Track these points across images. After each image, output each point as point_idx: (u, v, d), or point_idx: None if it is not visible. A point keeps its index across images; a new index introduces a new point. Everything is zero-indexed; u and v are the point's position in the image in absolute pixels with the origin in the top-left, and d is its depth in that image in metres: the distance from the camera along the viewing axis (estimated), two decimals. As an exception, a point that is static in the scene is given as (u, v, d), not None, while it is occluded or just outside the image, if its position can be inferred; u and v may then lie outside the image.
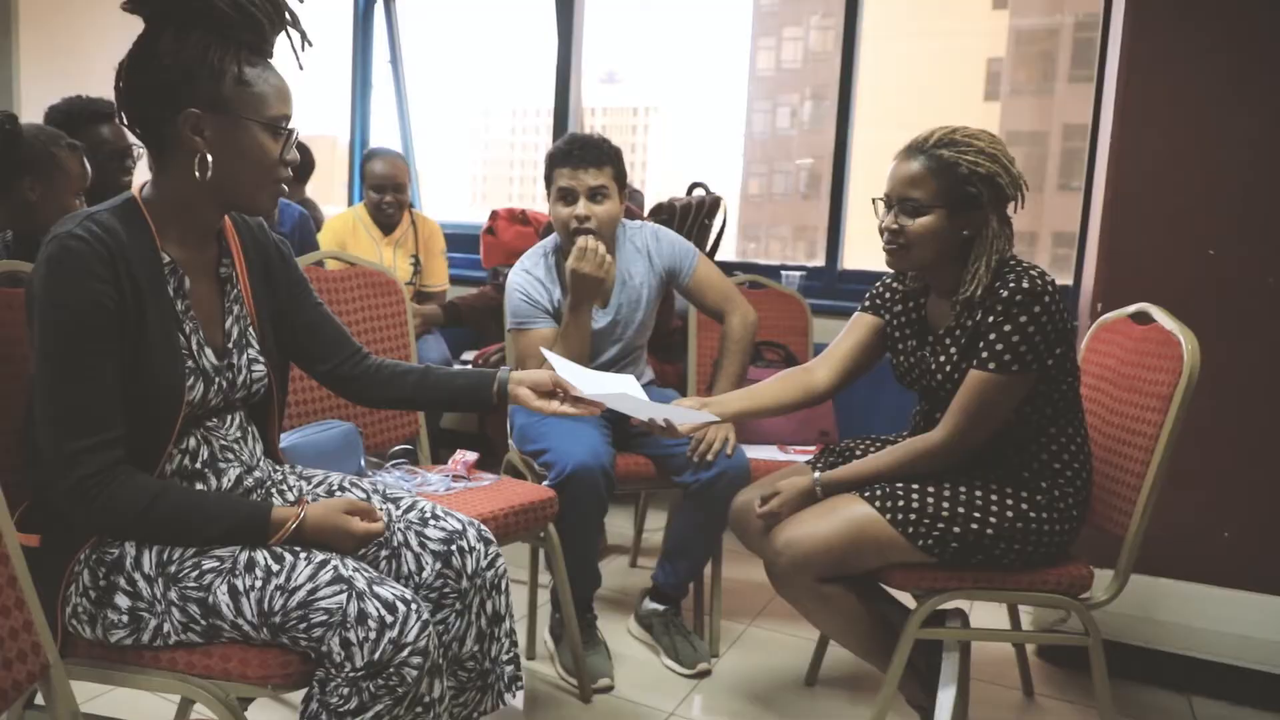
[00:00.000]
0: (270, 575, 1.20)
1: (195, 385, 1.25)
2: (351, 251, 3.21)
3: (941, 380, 1.61)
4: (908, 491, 1.58)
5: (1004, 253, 1.57)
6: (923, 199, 1.54)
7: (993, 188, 1.53)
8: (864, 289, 3.17)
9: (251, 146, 1.22)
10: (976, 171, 1.51)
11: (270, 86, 1.23)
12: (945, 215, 1.53)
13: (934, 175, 1.53)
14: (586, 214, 2.04)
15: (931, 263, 1.59)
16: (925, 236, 1.55)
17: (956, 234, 1.55)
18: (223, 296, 1.34)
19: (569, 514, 1.90)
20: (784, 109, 12.71)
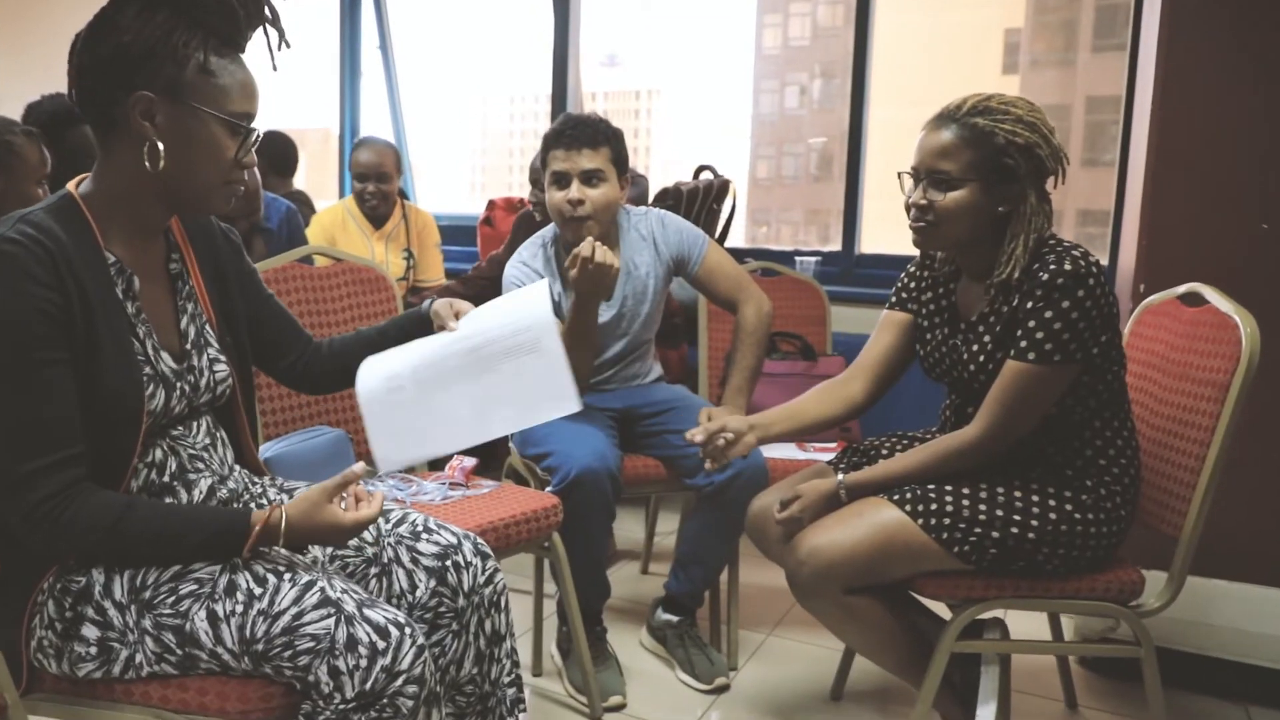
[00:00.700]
0: (252, 599, 1.15)
1: (156, 393, 1.20)
2: (342, 246, 3.18)
3: (974, 371, 1.55)
4: (940, 494, 1.52)
5: (1043, 231, 1.50)
6: (954, 171, 1.48)
7: (1031, 160, 1.47)
8: (883, 274, 3.18)
9: (206, 141, 1.17)
10: (1014, 141, 1.45)
11: (235, 81, 1.19)
12: (979, 189, 1.48)
13: (967, 145, 1.47)
14: (579, 197, 1.99)
15: (963, 242, 1.53)
16: (957, 213, 1.49)
17: (991, 210, 1.49)
18: (175, 295, 1.29)
19: (574, 522, 1.85)
20: (792, 88, 12.64)
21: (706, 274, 2.16)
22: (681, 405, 2.11)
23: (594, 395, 2.11)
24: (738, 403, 2.06)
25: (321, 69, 4.46)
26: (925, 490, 1.53)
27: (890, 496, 1.55)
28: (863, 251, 3.33)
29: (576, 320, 1.93)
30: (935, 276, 1.68)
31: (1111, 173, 3.03)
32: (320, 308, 2.01)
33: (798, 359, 2.50)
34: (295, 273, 1.97)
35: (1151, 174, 2.00)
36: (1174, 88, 1.97)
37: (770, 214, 11.56)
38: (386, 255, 3.23)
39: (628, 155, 2.09)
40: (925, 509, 1.51)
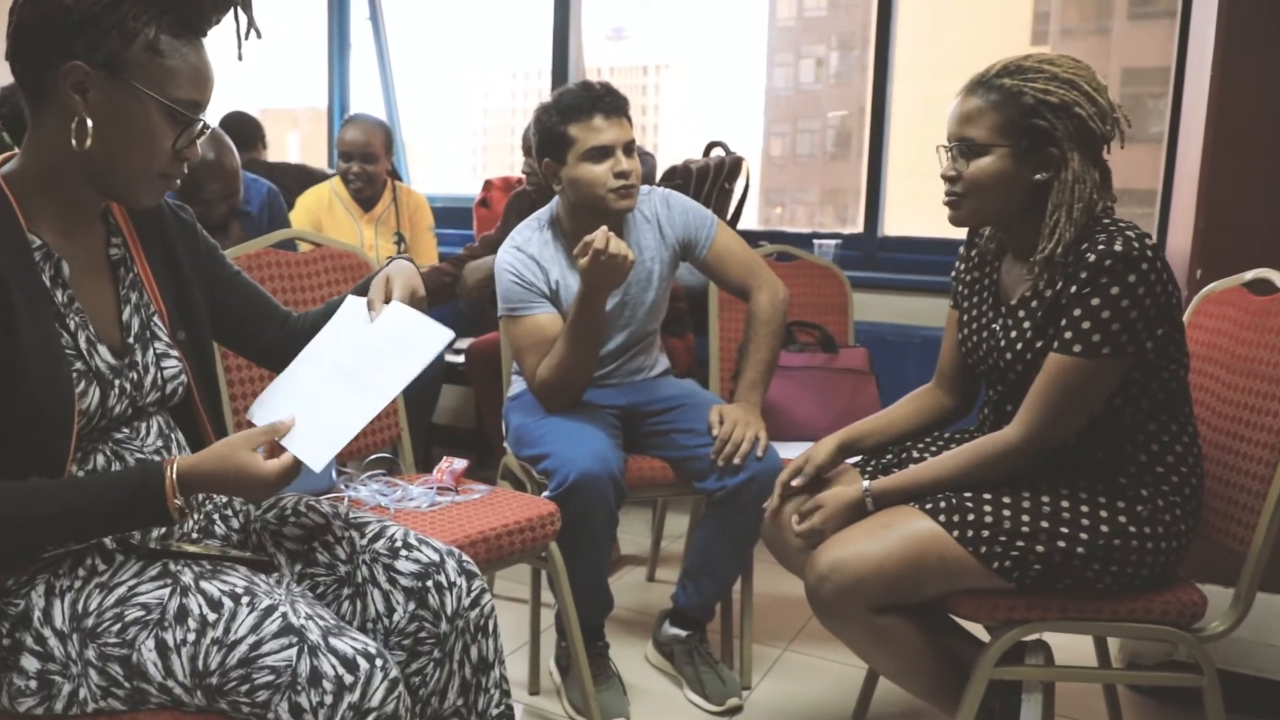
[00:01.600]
0: (205, 627, 1.08)
1: (89, 391, 1.14)
2: (328, 230, 3.13)
3: (1011, 360, 1.48)
4: (978, 502, 1.44)
5: (1091, 202, 1.42)
6: (980, 137, 1.43)
7: (1070, 120, 1.40)
8: (909, 259, 3.14)
9: (141, 125, 1.11)
10: (1046, 100, 1.39)
11: (187, 65, 1.12)
12: (1008, 155, 1.42)
13: (994, 108, 1.42)
14: (631, 167, 1.93)
15: (996, 215, 1.48)
16: (985, 182, 1.44)
17: (1025, 179, 1.43)
18: (116, 283, 1.23)
19: (573, 530, 1.79)
20: (808, 61, 12.50)
21: (716, 258, 2.08)
22: (690, 402, 2.05)
23: (595, 391, 2.05)
24: (751, 399, 2.00)
25: (312, 44, 4.41)
26: (961, 498, 1.45)
27: (922, 505, 1.47)
28: (887, 234, 3.26)
29: (581, 315, 1.86)
30: (982, 254, 1.63)
31: (1152, 150, 2.93)
32: (299, 296, 1.94)
33: (817, 351, 2.42)
34: (271, 259, 1.91)
35: (1210, 151, 1.91)
36: (1235, 58, 1.89)
37: (785, 194, 11.45)
38: (376, 239, 3.18)
39: None
40: (961, 519, 1.43)
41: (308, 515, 1.34)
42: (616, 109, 1.93)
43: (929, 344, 2.85)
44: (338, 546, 1.29)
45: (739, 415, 1.93)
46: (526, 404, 2.03)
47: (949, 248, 3.11)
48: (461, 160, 13.97)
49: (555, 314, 1.99)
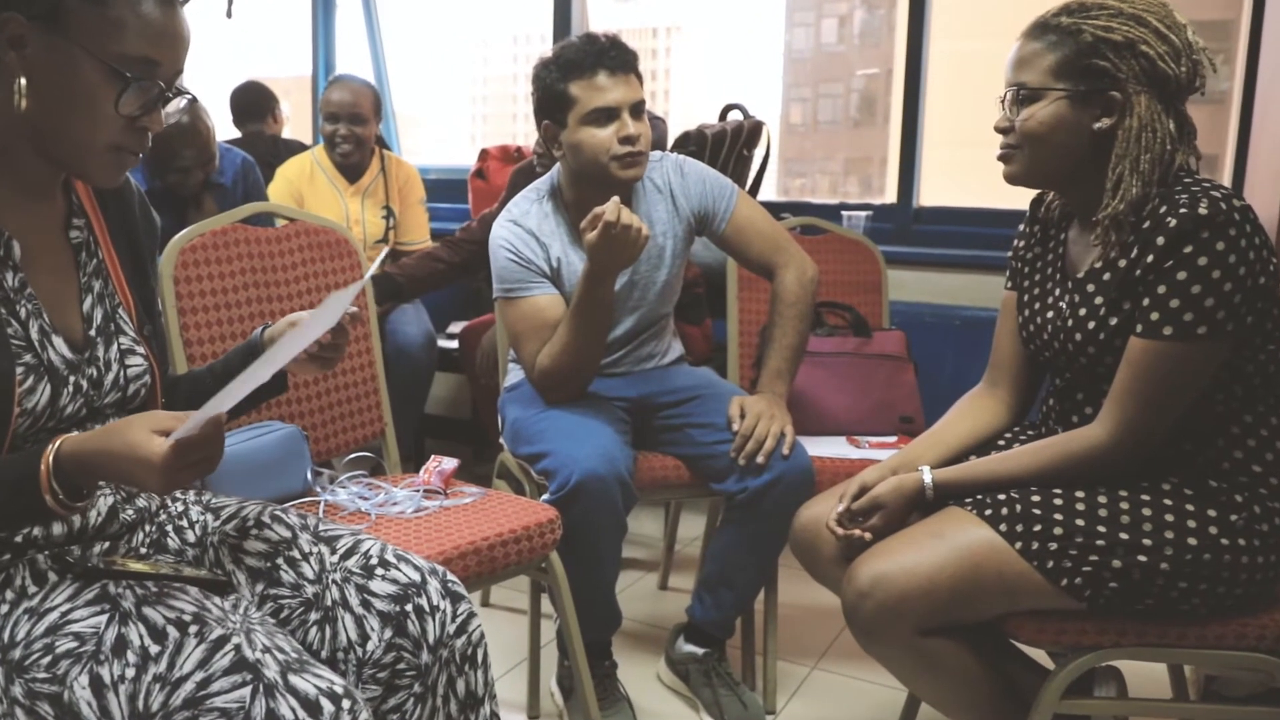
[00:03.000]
0: (147, 661, 1.02)
1: (38, 387, 1.09)
2: (309, 204, 3.06)
3: (1082, 341, 1.40)
4: (1046, 509, 1.35)
5: (1163, 155, 1.34)
6: (1033, 81, 1.38)
7: (1136, 59, 1.33)
8: (948, 231, 3.06)
9: (79, 88, 1.05)
10: (1107, 38, 1.33)
11: (136, 17, 1.05)
12: (1064, 100, 1.36)
13: (1050, 49, 1.36)
14: (638, 131, 1.84)
15: (1054, 170, 1.41)
16: (1039, 131, 1.38)
17: (1084, 127, 1.37)
18: (77, 269, 1.19)
19: (576, 538, 1.73)
20: (830, 20, 12.38)
21: (736, 232, 2.00)
22: (707, 392, 1.99)
23: (601, 381, 1.98)
24: (776, 389, 1.94)
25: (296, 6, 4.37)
26: (1026, 504, 1.37)
27: (981, 511, 1.39)
28: (922, 204, 3.17)
29: (586, 296, 1.78)
30: (1045, 227, 1.56)
31: (1216, 109, 2.79)
32: (274, 277, 1.87)
33: (848, 334, 2.34)
34: (239, 236, 1.83)
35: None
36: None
37: (805, 163, 11.30)
38: (363, 213, 3.11)
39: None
40: (1026, 529, 1.35)
41: (272, 527, 1.27)
42: (623, 65, 1.84)
43: (970, 326, 2.79)
44: (305, 564, 1.22)
45: (762, 408, 1.86)
46: (525, 396, 1.97)
47: (992, 219, 3.03)
48: (459, 130, 13.85)
49: (557, 295, 1.92)
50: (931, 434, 1.62)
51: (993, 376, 1.64)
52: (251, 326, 1.80)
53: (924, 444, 1.59)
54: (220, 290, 1.78)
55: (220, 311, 1.77)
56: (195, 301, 1.74)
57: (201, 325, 1.74)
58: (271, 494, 1.64)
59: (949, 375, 2.69)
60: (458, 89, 12.01)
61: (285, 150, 3.36)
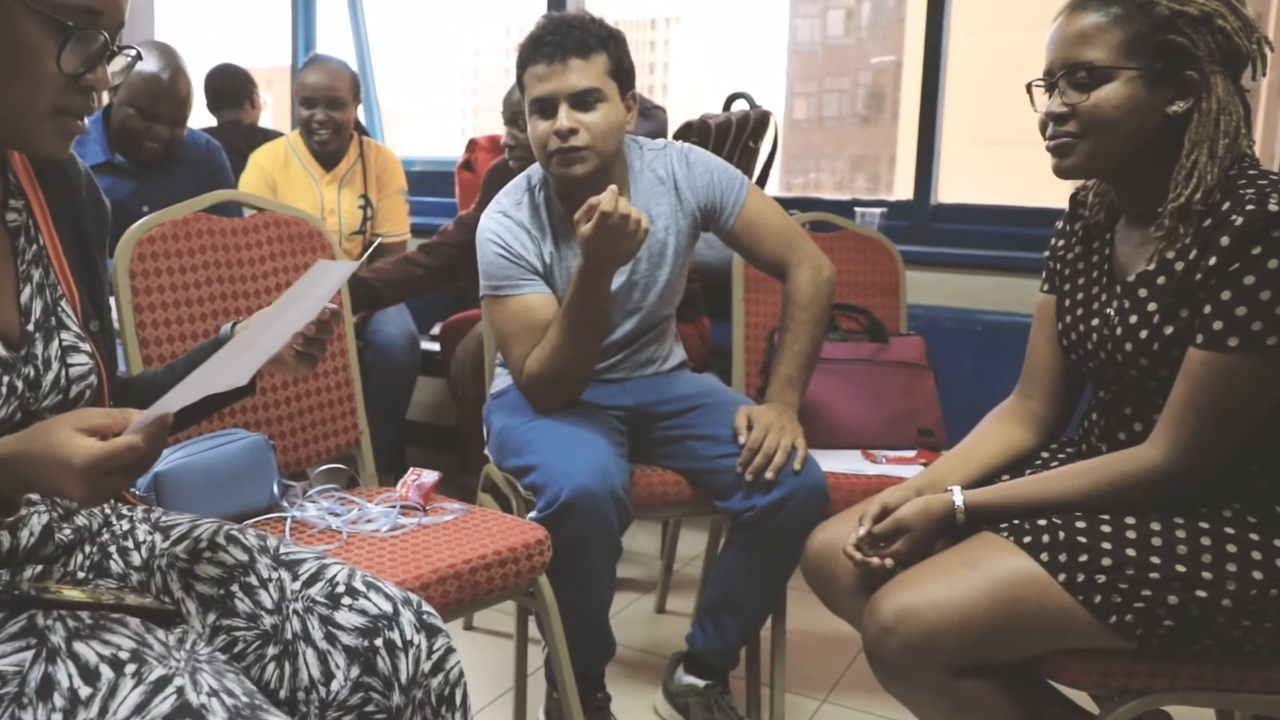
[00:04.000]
0: (76, 706, 0.94)
1: None
2: (283, 192, 3.01)
3: (1133, 351, 1.34)
4: (1093, 538, 1.28)
5: (1236, 139, 1.28)
6: (1101, 59, 1.29)
7: (1213, 35, 1.27)
8: (968, 230, 2.99)
9: (15, 43, 1.00)
10: (1184, 11, 1.27)
11: None
12: (1138, 80, 1.29)
13: (1117, 23, 1.29)
14: (571, 125, 1.76)
15: (1120, 160, 1.34)
16: (1110, 116, 1.30)
17: (1158, 110, 1.30)
18: (14, 255, 1.14)
19: (567, 560, 1.67)
20: (837, 12, 12.38)
21: (746, 227, 1.94)
22: (711, 401, 1.93)
23: (596, 388, 1.91)
24: (787, 399, 1.88)
25: None
26: (1070, 532, 1.29)
27: (1019, 538, 1.31)
28: (940, 201, 3.11)
29: (581, 296, 1.73)
30: (1087, 226, 1.50)
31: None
32: (235, 272, 1.80)
33: (863, 339, 2.27)
34: (202, 226, 1.77)
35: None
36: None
37: (809, 161, 11.27)
38: (339, 202, 3.06)
39: (632, 64, 1.86)
40: (1070, 559, 1.28)
41: (227, 549, 1.19)
42: (562, 49, 1.76)
43: (992, 332, 2.73)
44: (263, 591, 1.15)
45: (772, 419, 1.80)
46: (512, 403, 1.91)
47: (1016, 217, 2.97)
48: (449, 123, 13.86)
49: (548, 294, 1.86)
50: (959, 451, 1.54)
51: (1026, 388, 1.57)
52: (214, 325, 1.74)
53: (951, 462, 1.52)
54: (181, 285, 1.70)
55: (180, 309, 1.70)
56: (153, 297, 1.66)
57: (159, 323, 1.67)
58: (233, 509, 1.59)
59: (969, 385, 2.65)
60: (448, 81, 11.98)
61: (263, 139, 3.29)
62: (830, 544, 1.51)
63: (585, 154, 1.77)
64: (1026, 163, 6.10)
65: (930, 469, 1.52)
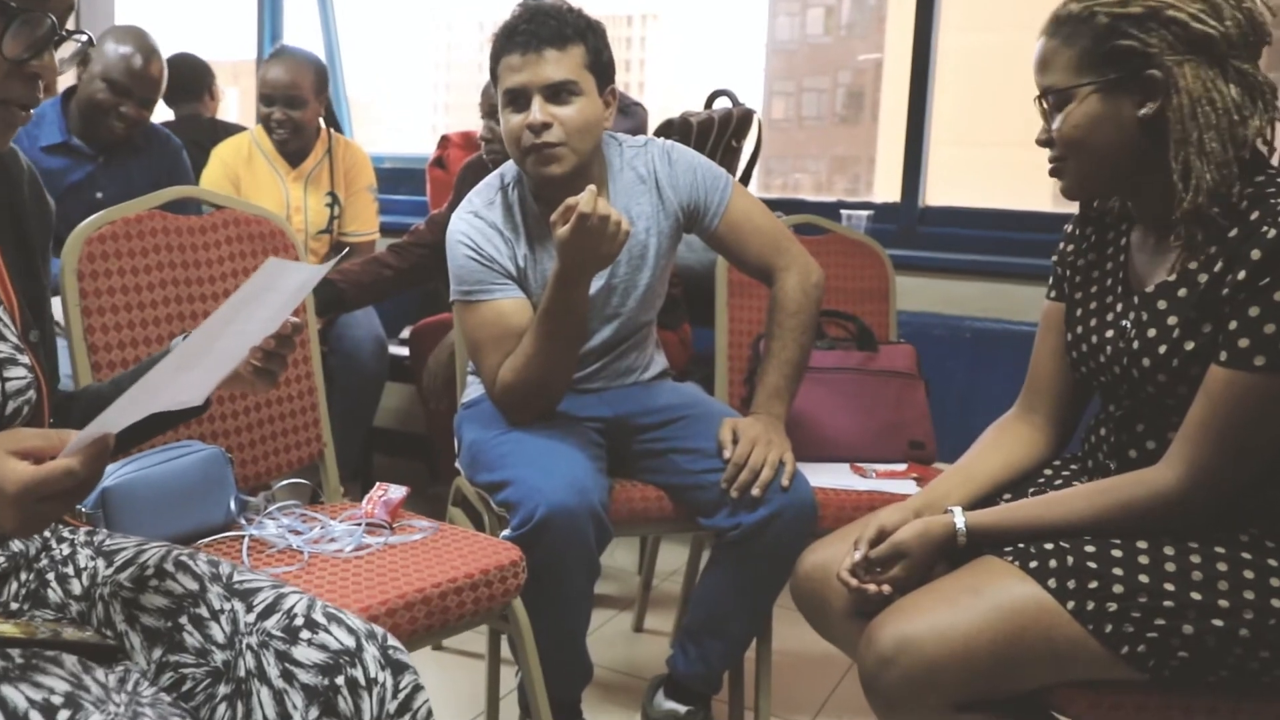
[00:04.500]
0: None
1: None
2: (246, 189, 2.93)
3: (1150, 367, 1.30)
4: (1104, 563, 1.24)
5: (1230, 126, 1.23)
6: (1058, 82, 1.30)
7: (1165, 27, 1.23)
8: (957, 234, 2.96)
9: None
10: (1125, 13, 1.24)
11: None
12: (1094, 95, 1.28)
13: (1067, 43, 1.29)
14: (544, 119, 1.71)
15: (1111, 175, 1.33)
16: (1079, 136, 1.30)
17: (1128, 118, 1.27)
18: None
19: (542, 581, 1.63)
20: (816, 10, 12.41)
21: (731, 229, 1.89)
22: (694, 413, 1.88)
23: (573, 399, 1.86)
24: (774, 410, 1.83)
25: None
26: (1079, 557, 1.25)
27: (1025, 563, 1.27)
28: (929, 204, 3.07)
29: (557, 301, 1.68)
30: (1100, 231, 1.46)
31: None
32: (193, 274, 1.74)
33: (851, 347, 2.22)
34: (157, 224, 1.71)
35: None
36: None
37: (788, 161, 11.30)
38: (305, 200, 2.99)
39: (611, 57, 1.80)
40: (1079, 586, 1.23)
41: (176, 577, 1.12)
42: (537, 39, 1.71)
43: (982, 340, 2.71)
44: (214, 624, 1.08)
45: (758, 432, 1.76)
46: (484, 414, 1.85)
47: (1007, 221, 2.95)
48: (421, 119, 13.79)
49: (522, 299, 1.81)
50: (959, 469, 1.50)
51: (1029, 401, 1.53)
52: (170, 330, 1.68)
53: (951, 480, 1.47)
54: (134, 288, 1.64)
55: (133, 313, 1.64)
56: (103, 300, 1.60)
57: (110, 328, 1.61)
58: (188, 527, 1.54)
59: (959, 395, 2.63)
60: (419, 75, 11.96)
61: (225, 133, 3.20)
62: (822, 566, 1.46)
63: (560, 151, 1.72)
64: (1011, 164, 6.04)
65: (929, 488, 1.47)
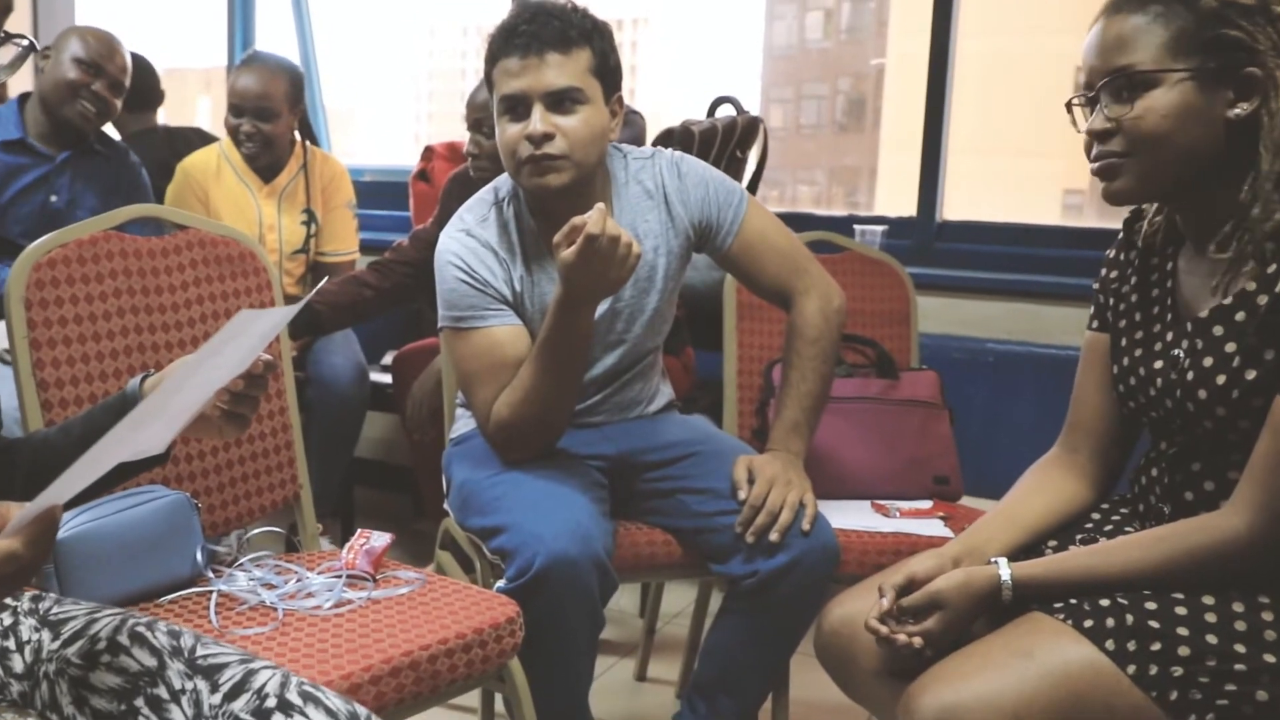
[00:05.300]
0: None
1: None
2: (216, 206, 2.86)
3: (1207, 400, 1.24)
4: (1167, 621, 1.18)
5: None
6: (1144, 62, 1.21)
7: (1273, 24, 1.20)
8: (977, 250, 2.91)
9: None
10: (1235, 1, 1.19)
11: None
12: (1189, 82, 1.21)
13: (1160, 22, 1.21)
14: (545, 129, 1.64)
15: (1177, 177, 1.25)
16: (1160, 127, 1.22)
17: (1216, 116, 1.21)
18: None
19: (541, 637, 1.57)
20: (815, 14, 12.41)
21: (746, 249, 1.83)
22: (705, 449, 1.83)
23: (573, 434, 1.80)
24: (792, 447, 1.78)
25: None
26: (1139, 614, 1.19)
27: (1078, 621, 1.20)
28: (946, 218, 3.02)
29: (558, 330, 1.61)
30: (1144, 254, 1.40)
31: None
32: (154, 301, 1.68)
33: (870, 375, 2.16)
34: (114, 247, 1.64)
35: None
36: None
37: (785, 172, 11.29)
38: (279, 218, 2.93)
39: (619, 63, 1.75)
40: (1140, 648, 1.17)
41: (132, 652, 1.05)
42: (538, 41, 1.65)
43: (1005, 365, 2.66)
44: (175, 707, 1.01)
45: (776, 471, 1.70)
46: (476, 452, 1.79)
47: (1033, 237, 2.90)
48: (402, 129, 13.77)
49: (519, 327, 1.74)
50: (1000, 513, 1.44)
51: (1072, 439, 1.47)
52: (129, 365, 1.61)
53: (991, 526, 1.41)
54: (88, 317, 1.57)
55: (87, 344, 1.57)
56: (53, 331, 1.53)
57: (62, 362, 1.54)
58: (148, 582, 1.49)
59: (980, 424, 2.57)
60: (400, 84, 11.81)
61: (185, 145, 3.13)
62: (849, 620, 1.40)
63: (561, 164, 1.65)
64: (1015, 175, 5.95)
65: (968, 534, 1.41)
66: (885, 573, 1.41)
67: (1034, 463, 1.52)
